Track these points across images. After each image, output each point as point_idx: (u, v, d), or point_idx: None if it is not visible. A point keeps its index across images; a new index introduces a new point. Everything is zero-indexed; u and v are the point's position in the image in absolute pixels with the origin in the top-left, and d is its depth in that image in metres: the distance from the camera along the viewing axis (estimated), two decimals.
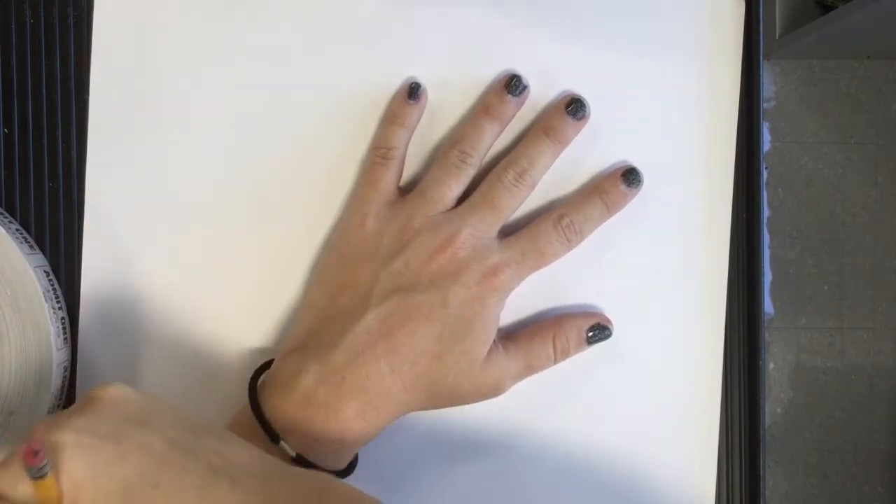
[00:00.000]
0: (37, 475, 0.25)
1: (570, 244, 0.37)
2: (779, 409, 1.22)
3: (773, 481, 1.20)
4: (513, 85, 0.37)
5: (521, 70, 0.38)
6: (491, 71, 0.38)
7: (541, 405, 0.39)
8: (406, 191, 0.37)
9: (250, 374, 0.38)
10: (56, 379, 0.35)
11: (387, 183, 0.37)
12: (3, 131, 0.38)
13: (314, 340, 0.35)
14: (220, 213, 0.38)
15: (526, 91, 0.38)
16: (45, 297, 0.35)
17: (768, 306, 1.23)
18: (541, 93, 0.38)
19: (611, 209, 0.38)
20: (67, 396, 0.37)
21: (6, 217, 0.37)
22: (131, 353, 0.38)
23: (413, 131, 0.38)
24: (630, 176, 0.38)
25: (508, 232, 0.37)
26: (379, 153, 0.37)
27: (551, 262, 0.37)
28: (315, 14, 0.38)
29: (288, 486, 0.28)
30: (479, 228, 0.35)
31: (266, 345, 0.38)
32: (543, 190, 0.38)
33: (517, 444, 0.39)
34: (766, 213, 1.25)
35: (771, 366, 1.20)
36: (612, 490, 0.40)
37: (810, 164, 1.25)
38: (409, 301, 0.34)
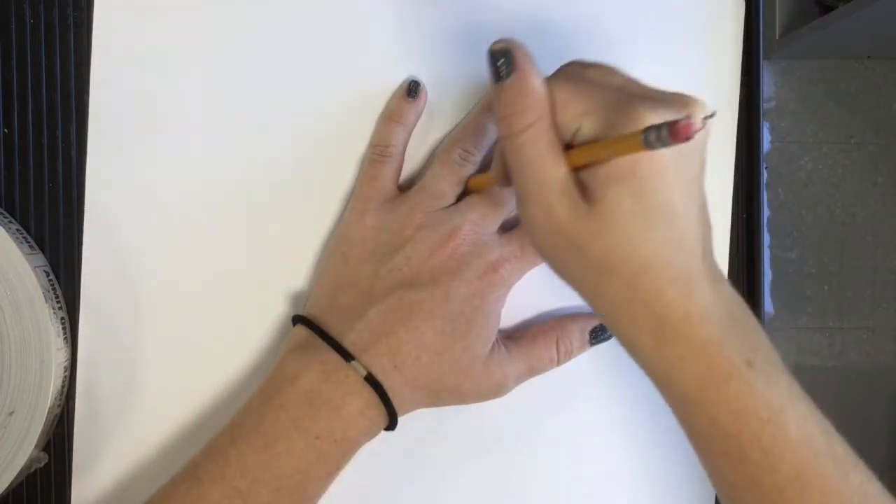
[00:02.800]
0: (653, 144, 0.24)
1: None
2: None
3: None
4: None
5: None
6: None
7: (540, 405, 0.39)
8: (406, 189, 0.37)
9: (252, 371, 0.39)
10: (56, 379, 0.35)
11: (385, 180, 0.37)
12: (3, 131, 0.38)
13: (316, 339, 0.35)
14: (221, 212, 0.38)
15: None
16: (45, 297, 0.35)
17: (768, 306, 1.23)
18: None
19: None
20: (67, 396, 0.37)
21: (6, 217, 0.37)
22: (131, 353, 0.38)
23: (412, 129, 0.38)
24: None
25: (508, 227, 0.37)
26: (377, 150, 0.37)
27: None
28: (315, 13, 0.38)
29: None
30: (480, 224, 0.35)
31: (268, 344, 0.38)
32: None
33: (517, 445, 0.39)
34: (766, 213, 1.25)
35: None
36: (612, 490, 0.40)
37: (810, 164, 1.25)
38: (411, 297, 0.34)
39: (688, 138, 0.23)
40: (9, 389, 0.35)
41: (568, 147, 0.28)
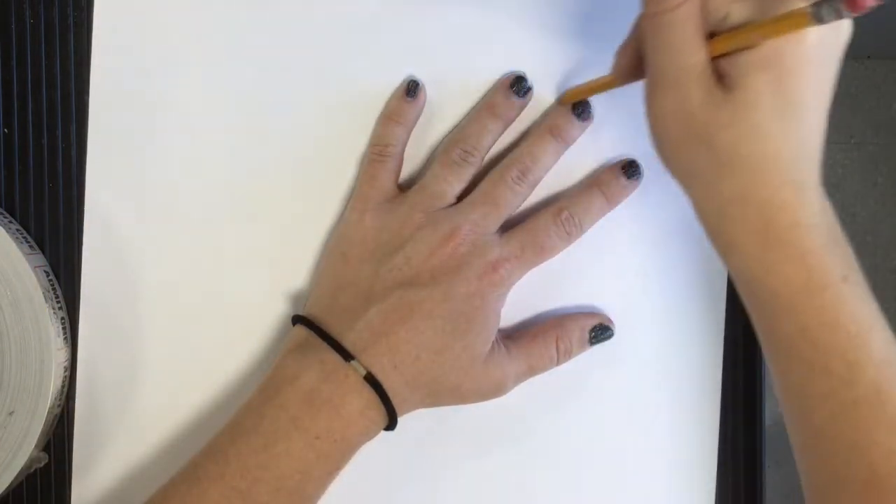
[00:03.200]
0: (825, 17, 0.24)
1: (569, 237, 0.37)
2: (779, 409, 1.22)
3: (773, 481, 1.20)
4: (518, 85, 0.37)
5: (522, 68, 0.38)
6: (491, 70, 0.38)
7: (540, 405, 0.39)
8: (406, 189, 0.37)
9: (252, 371, 0.39)
10: (56, 379, 0.35)
11: (384, 180, 0.37)
12: (3, 131, 0.38)
13: (316, 338, 0.35)
14: (221, 212, 0.38)
15: (530, 93, 0.38)
16: (45, 297, 0.35)
17: None
18: (541, 91, 0.38)
19: (610, 202, 0.38)
20: (67, 396, 0.37)
21: (6, 217, 0.37)
22: (131, 353, 0.38)
23: (411, 129, 0.38)
24: (630, 169, 0.38)
25: (508, 227, 0.37)
26: (376, 150, 0.37)
27: (551, 256, 0.37)
28: (315, 13, 0.38)
29: None
30: (480, 224, 0.35)
31: (268, 344, 0.38)
32: (543, 187, 0.38)
33: (517, 445, 0.39)
34: None
35: None
36: (611, 490, 0.40)
37: None
38: (411, 297, 0.34)
39: (864, 8, 0.23)
40: (9, 389, 0.35)
41: (710, 36, 0.28)
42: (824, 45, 0.27)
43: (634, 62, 0.32)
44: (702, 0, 0.28)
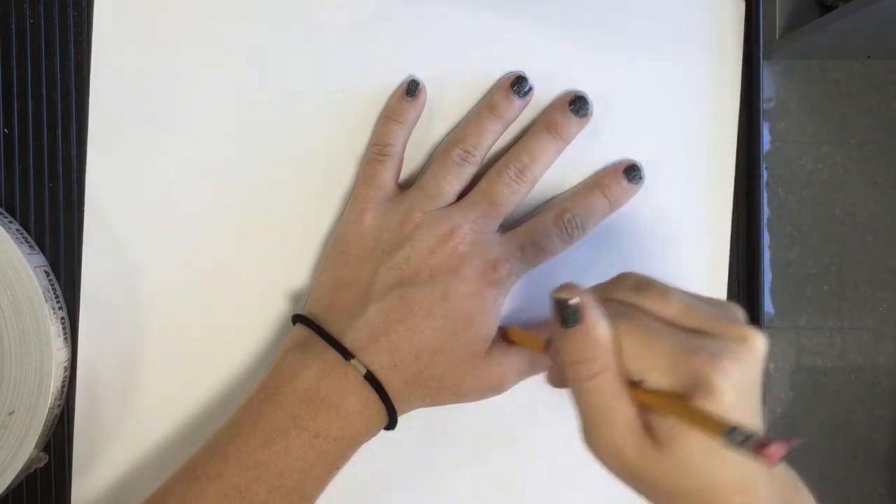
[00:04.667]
0: (737, 447, 0.24)
1: (570, 239, 0.37)
2: (779, 409, 1.22)
3: None
4: (519, 85, 0.37)
5: (522, 68, 0.38)
6: (491, 70, 0.38)
7: (540, 405, 0.39)
8: (406, 188, 0.37)
9: (252, 371, 0.39)
10: (56, 379, 0.35)
11: (384, 179, 0.37)
12: (4, 131, 0.38)
13: (316, 337, 0.35)
14: (221, 212, 0.38)
15: (531, 93, 0.38)
16: (45, 297, 0.35)
17: (768, 306, 1.23)
18: (541, 91, 0.38)
19: (612, 204, 0.38)
20: (67, 396, 0.37)
21: (6, 217, 0.37)
22: (131, 353, 0.38)
23: (411, 128, 0.38)
24: (632, 171, 0.38)
25: (510, 227, 0.37)
26: (376, 150, 0.37)
27: (551, 256, 0.37)
28: (315, 13, 0.38)
29: None
30: (480, 223, 0.35)
31: (268, 344, 0.38)
32: (544, 187, 0.38)
33: (517, 443, 0.39)
34: (766, 213, 1.24)
35: (771, 366, 1.20)
36: (611, 490, 0.40)
37: (810, 164, 1.25)
38: (410, 295, 0.34)
39: (772, 463, 0.23)
40: (9, 389, 0.35)
41: (635, 383, 0.28)
42: (743, 392, 0.27)
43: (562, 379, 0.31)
44: (620, 361, 0.28)
